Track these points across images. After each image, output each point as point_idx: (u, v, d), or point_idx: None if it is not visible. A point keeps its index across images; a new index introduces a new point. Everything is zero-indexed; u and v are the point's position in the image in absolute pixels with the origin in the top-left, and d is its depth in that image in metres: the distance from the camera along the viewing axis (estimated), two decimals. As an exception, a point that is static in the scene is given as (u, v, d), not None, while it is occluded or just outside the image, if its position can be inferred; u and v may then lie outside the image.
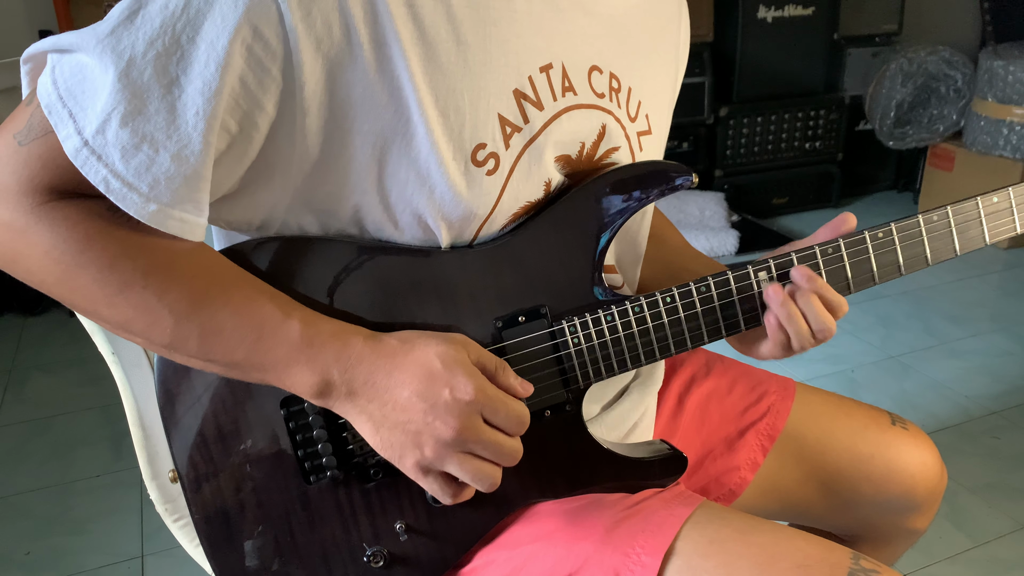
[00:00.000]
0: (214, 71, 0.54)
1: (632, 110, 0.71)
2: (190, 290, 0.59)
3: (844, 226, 0.71)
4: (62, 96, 0.55)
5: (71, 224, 0.57)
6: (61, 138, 0.55)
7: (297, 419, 0.65)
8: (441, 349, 0.60)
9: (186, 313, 0.59)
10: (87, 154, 0.54)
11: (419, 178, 0.61)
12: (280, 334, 0.59)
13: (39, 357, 2.29)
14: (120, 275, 0.57)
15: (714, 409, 0.90)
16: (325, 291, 0.64)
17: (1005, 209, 0.75)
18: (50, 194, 0.57)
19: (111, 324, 0.60)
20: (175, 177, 0.55)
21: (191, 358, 0.61)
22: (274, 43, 0.55)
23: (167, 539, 1.27)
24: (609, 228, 0.67)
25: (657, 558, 0.61)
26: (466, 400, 0.59)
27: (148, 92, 0.54)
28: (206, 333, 0.59)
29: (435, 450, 0.59)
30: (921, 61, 3.01)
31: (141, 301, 0.58)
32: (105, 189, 0.55)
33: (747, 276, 0.69)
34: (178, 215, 0.57)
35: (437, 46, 0.59)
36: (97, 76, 0.54)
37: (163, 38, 0.54)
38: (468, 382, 0.59)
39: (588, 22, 0.66)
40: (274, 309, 0.60)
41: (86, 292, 0.58)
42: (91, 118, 0.54)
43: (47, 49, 0.57)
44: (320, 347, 0.60)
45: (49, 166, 0.56)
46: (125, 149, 0.54)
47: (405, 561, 0.68)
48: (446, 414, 0.59)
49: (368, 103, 0.58)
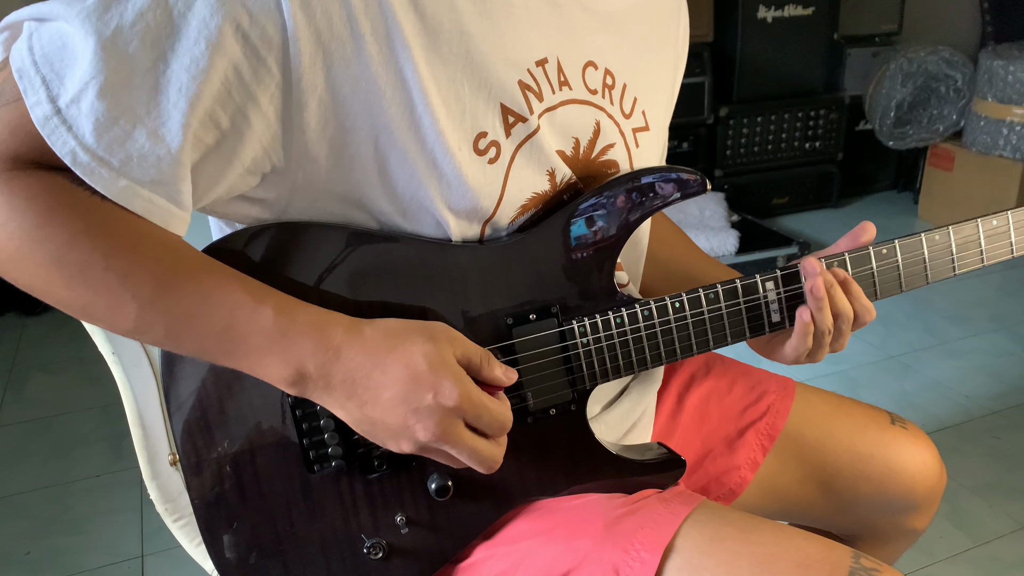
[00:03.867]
0: (204, 49, 0.52)
1: (627, 107, 0.72)
2: (155, 273, 0.55)
3: (864, 236, 0.72)
4: (36, 62, 0.52)
5: (31, 195, 0.53)
6: (29, 104, 0.52)
7: (304, 407, 0.65)
8: (427, 348, 0.58)
9: (151, 298, 0.55)
10: (56, 123, 0.52)
11: (426, 167, 0.60)
12: (252, 322, 0.57)
13: (39, 357, 2.29)
14: (79, 254, 0.54)
15: (714, 409, 0.90)
16: (334, 280, 0.63)
17: (1003, 232, 0.76)
18: (14, 163, 0.54)
19: (71, 308, 0.57)
20: (148, 155, 0.53)
21: (159, 344, 0.59)
22: (271, 31, 0.53)
23: (167, 539, 1.27)
24: (623, 231, 0.67)
25: (656, 554, 0.61)
26: (449, 406, 0.58)
27: (132, 64, 0.52)
28: (173, 320, 0.56)
29: (412, 447, 0.60)
30: (921, 61, 3.01)
31: (102, 284, 0.54)
32: (71, 162, 0.52)
33: (755, 287, 0.70)
34: (147, 195, 0.54)
35: (439, 36, 0.58)
36: (78, 44, 0.52)
37: (154, 11, 0.52)
38: (453, 388, 0.58)
39: (586, 18, 0.66)
40: (245, 296, 0.57)
41: (42, 272, 0.54)
42: (68, 87, 0.52)
43: (25, 17, 0.55)
44: (295, 337, 0.58)
45: (17, 133, 0.53)
46: (99, 122, 0.52)
47: (404, 554, 0.68)
48: (427, 418, 0.58)
49: (371, 95, 0.57)
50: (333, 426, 0.65)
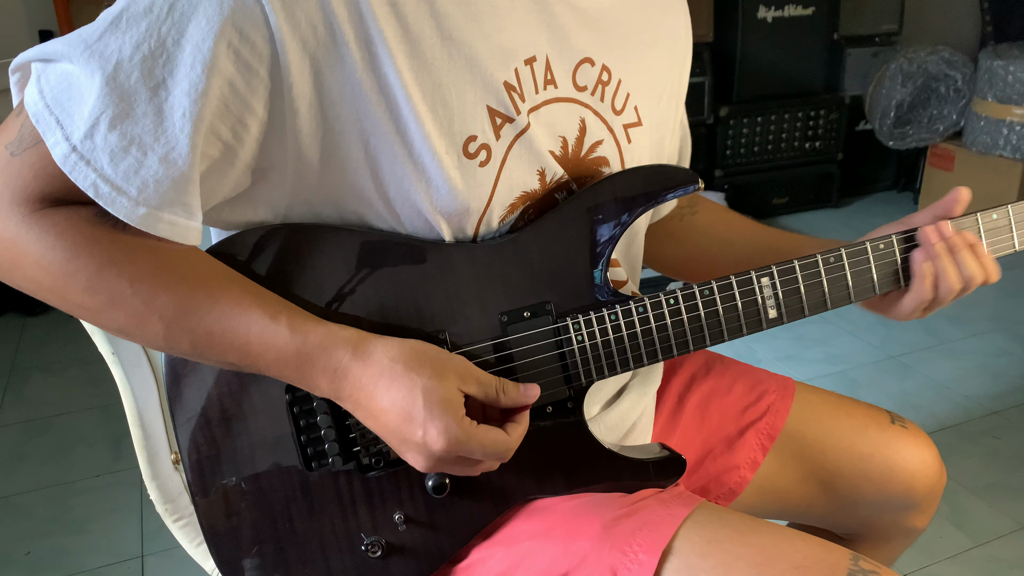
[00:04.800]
0: (200, 72, 0.54)
1: (619, 103, 0.72)
2: (177, 296, 0.59)
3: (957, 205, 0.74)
4: (49, 104, 0.55)
5: (59, 232, 0.57)
6: (49, 145, 0.55)
7: (301, 404, 0.66)
8: (429, 385, 0.59)
9: (175, 319, 0.59)
10: (75, 159, 0.55)
11: (415, 173, 0.61)
12: (267, 340, 0.60)
13: (39, 357, 2.29)
14: (108, 283, 0.58)
15: (714, 408, 0.90)
16: (332, 281, 0.64)
17: (1004, 226, 0.76)
18: (42, 203, 0.57)
19: (111, 330, 0.61)
20: (163, 180, 0.56)
21: (189, 357, 0.62)
22: (260, 44, 0.55)
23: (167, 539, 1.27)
24: (617, 229, 0.68)
25: (655, 556, 0.61)
26: (435, 449, 0.59)
27: (135, 95, 0.54)
28: (196, 338, 0.60)
29: (412, 462, 0.61)
30: (921, 61, 3.01)
31: (131, 308, 0.58)
32: (95, 194, 0.55)
33: (750, 281, 0.70)
34: (167, 218, 0.57)
35: (421, 42, 0.59)
36: (83, 83, 0.55)
37: (148, 41, 0.54)
38: (441, 435, 0.58)
39: (574, 16, 0.67)
40: (260, 313, 0.60)
41: (80, 301, 0.58)
42: (78, 123, 0.54)
43: (32, 59, 0.58)
44: (307, 357, 0.60)
45: (40, 175, 0.56)
46: (114, 152, 0.55)
47: (402, 552, 0.68)
48: (416, 453, 0.60)
49: (358, 101, 0.59)
50: (329, 423, 0.65)
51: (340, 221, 0.64)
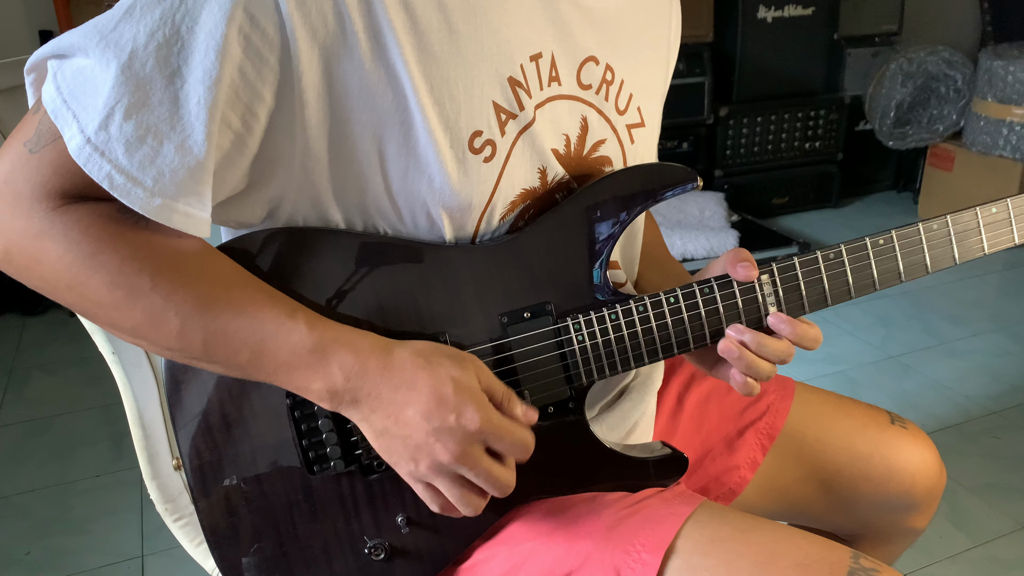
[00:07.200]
0: (214, 59, 0.54)
1: (622, 103, 0.72)
2: (195, 293, 0.59)
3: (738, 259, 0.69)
4: (66, 100, 0.55)
5: (83, 227, 0.57)
6: (66, 139, 0.55)
7: (302, 408, 0.66)
8: (455, 373, 0.60)
9: (191, 315, 0.59)
10: (90, 151, 0.54)
11: (418, 167, 0.61)
12: (283, 337, 0.59)
13: (39, 357, 2.29)
14: (128, 278, 0.57)
15: (713, 408, 0.90)
16: (332, 283, 0.64)
17: (1003, 220, 0.76)
18: (63, 198, 0.57)
19: (122, 331, 0.61)
20: (179, 169, 0.55)
21: (197, 360, 0.61)
22: (271, 31, 0.55)
23: (167, 539, 1.27)
24: (616, 228, 0.68)
25: (658, 556, 0.61)
26: (471, 429, 0.58)
27: (151, 83, 0.54)
28: (211, 336, 0.59)
29: (429, 467, 0.60)
30: (921, 61, 3.01)
31: (149, 304, 0.58)
32: (109, 185, 0.55)
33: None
34: (183, 209, 0.57)
35: (429, 35, 0.59)
36: (98, 75, 0.55)
37: (163, 29, 0.54)
38: (476, 412, 0.59)
39: (579, 14, 0.67)
40: (276, 311, 0.60)
41: (98, 297, 0.58)
42: (92, 115, 0.54)
43: (47, 55, 0.58)
44: (325, 353, 0.59)
45: (60, 171, 0.56)
46: (129, 142, 0.54)
47: (406, 554, 0.68)
48: (448, 439, 0.59)
49: (366, 93, 0.59)
50: (331, 426, 0.65)
51: (343, 218, 0.64)
